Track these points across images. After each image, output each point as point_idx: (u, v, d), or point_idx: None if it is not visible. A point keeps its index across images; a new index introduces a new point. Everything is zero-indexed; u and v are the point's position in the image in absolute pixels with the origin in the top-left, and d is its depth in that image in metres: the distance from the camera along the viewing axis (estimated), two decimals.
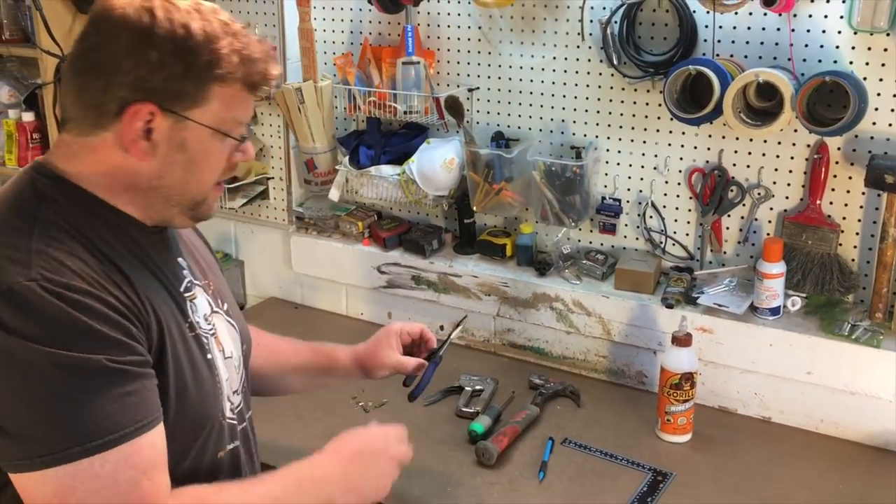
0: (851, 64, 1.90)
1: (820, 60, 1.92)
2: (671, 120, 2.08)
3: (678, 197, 2.19)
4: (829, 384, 1.97)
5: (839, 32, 1.89)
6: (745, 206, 2.10)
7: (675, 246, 2.22)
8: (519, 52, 2.29)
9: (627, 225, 2.27)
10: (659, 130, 2.16)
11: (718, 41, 2.01)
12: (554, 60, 2.25)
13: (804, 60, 1.94)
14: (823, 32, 1.91)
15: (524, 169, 2.27)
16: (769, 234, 2.10)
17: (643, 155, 2.20)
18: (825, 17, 1.90)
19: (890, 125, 1.90)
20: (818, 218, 2.00)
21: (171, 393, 1.18)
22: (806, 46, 1.93)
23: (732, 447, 1.96)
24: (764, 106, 1.94)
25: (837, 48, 1.90)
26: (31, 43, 2.63)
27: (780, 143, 2.03)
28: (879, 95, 1.89)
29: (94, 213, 1.18)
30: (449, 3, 2.35)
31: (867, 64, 1.88)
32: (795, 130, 1.98)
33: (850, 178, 1.97)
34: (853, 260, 2.01)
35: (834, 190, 1.99)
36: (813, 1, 1.90)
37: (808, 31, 1.92)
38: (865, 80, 1.87)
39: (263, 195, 2.73)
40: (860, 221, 1.99)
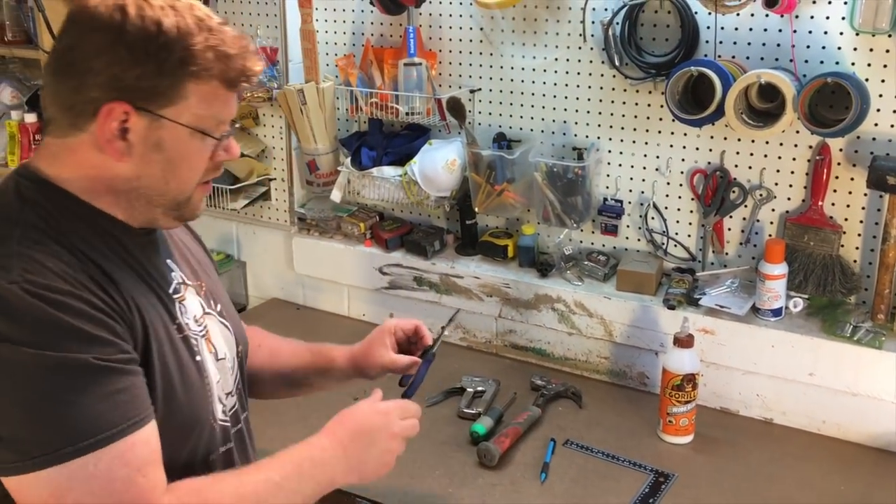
0: (853, 65, 1.90)
1: (822, 61, 1.92)
2: (673, 121, 2.08)
3: (680, 198, 2.19)
4: (831, 385, 1.97)
5: (841, 33, 1.89)
6: (746, 207, 2.10)
7: (676, 247, 2.22)
8: (521, 53, 2.29)
9: (629, 226, 2.27)
10: (661, 131, 2.16)
11: (720, 42, 2.01)
12: (556, 62, 2.25)
13: (806, 61, 1.94)
14: (825, 33, 1.91)
15: (526, 170, 2.27)
16: (771, 235, 2.10)
17: (645, 156, 2.20)
18: (827, 18, 1.90)
19: (892, 126, 1.90)
20: (820, 219, 2.00)
21: (158, 395, 1.16)
22: (808, 47, 1.93)
23: (734, 448, 1.96)
24: (766, 107, 1.94)
25: (839, 49, 1.90)
26: (33, 44, 2.64)
27: (781, 144, 2.03)
28: (881, 96, 1.89)
29: (77, 215, 1.17)
30: (451, 4, 2.35)
31: (869, 65, 1.88)
32: (797, 131, 1.98)
33: (851, 179, 1.97)
34: (855, 261, 2.01)
35: (836, 191, 1.99)
36: (815, 2, 1.90)
37: (809, 32, 1.92)
38: (867, 81, 1.87)
39: (265, 196, 2.73)
40: (862, 223, 1.99)
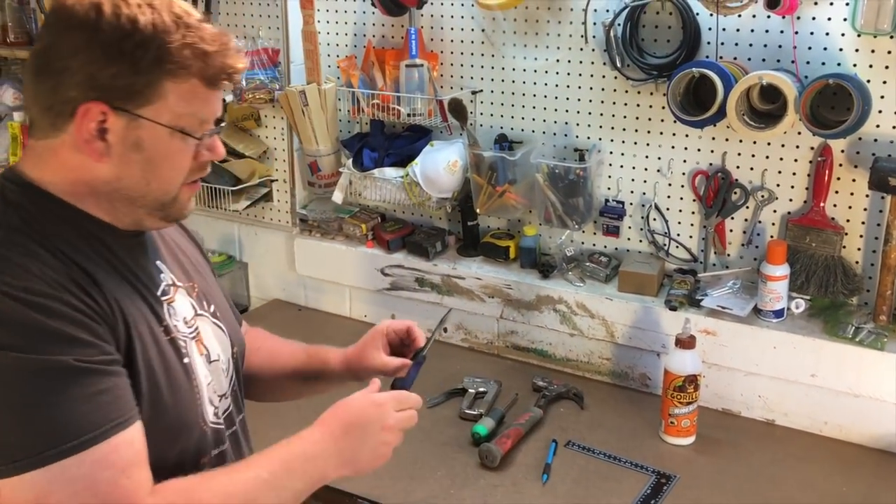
0: (855, 66, 1.90)
1: (823, 63, 1.92)
2: (674, 122, 2.08)
3: (682, 199, 2.19)
4: (832, 387, 1.97)
5: (843, 35, 1.89)
6: (748, 208, 2.10)
7: (678, 248, 2.22)
8: (522, 54, 2.29)
9: (631, 227, 2.27)
10: (662, 133, 2.16)
11: (722, 43, 2.01)
12: (557, 63, 2.25)
13: (808, 63, 1.94)
14: (827, 35, 1.91)
15: (527, 171, 2.27)
16: (773, 236, 2.10)
17: (646, 157, 2.20)
18: (829, 19, 1.90)
19: (893, 127, 1.90)
20: (822, 220, 2.00)
21: (143, 397, 1.14)
22: (809, 49, 1.93)
23: (736, 450, 1.96)
24: (767, 108, 1.94)
25: (841, 50, 1.90)
26: None
27: (783, 145, 2.03)
28: (883, 98, 1.89)
29: (61, 218, 1.15)
30: (452, 5, 2.35)
31: (871, 66, 1.88)
32: (799, 133, 1.98)
33: (853, 180, 1.97)
34: (857, 262, 2.01)
35: (838, 192, 1.99)
36: (816, 3, 1.90)
37: (811, 33, 1.92)
38: (869, 82, 1.87)
39: (267, 197, 2.73)
40: (864, 224, 1.99)
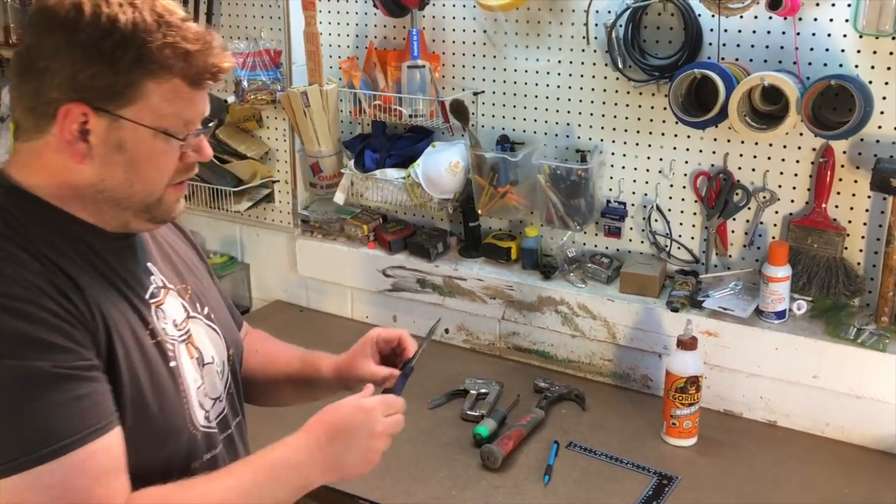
0: (857, 67, 1.89)
1: (825, 64, 1.92)
2: (676, 123, 2.08)
3: (683, 200, 2.19)
4: (834, 388, 1.96)
5: (844, 36, 1.89)
6: (750, 209, 2.10)
7: (680, 249, 2.22)
8: (524, 55, 2.29)
9: (632, 228, 2.27)
10: (664, 134, 2.16)
11: (723, 45, 2.01)
12: (559, 64, 2.25)
13: (809, 64, 1.94)
14: (829, 36, 1.91)
15: (529, 172, 2.27)
16: (774, 237, 2.10)
17: (648, 158, 2.20)
18: (830, 20, 1.90)
19: (895, 128, 1.90)
20: (824, 221, 2.00)
21: (127, 402, 1.13)
22: (811, 50, 1.93)
23: (738, 451, 1.96)
24: (769, 109, 1.94)
25: (843, 52, 1.90)
26: None
27: (785, 146, 2.03)
28: (885, 99, 1.88)
29: (47, 220, 1.14)
30: (454, 6, 2.35)
31: (872, 67, 1.88)
32: (801, 134, 1.98)
33: (855, 181, 1.97)
34: (859, 263, 2.01)
35: (839, 193, 1.99)
36: (818, 4, 1.90)
37: (813, 34, 1.92)
38: (871, 83, 1.87)
39: (269, 198, 2.73)
40: (866, 225, 1.99)
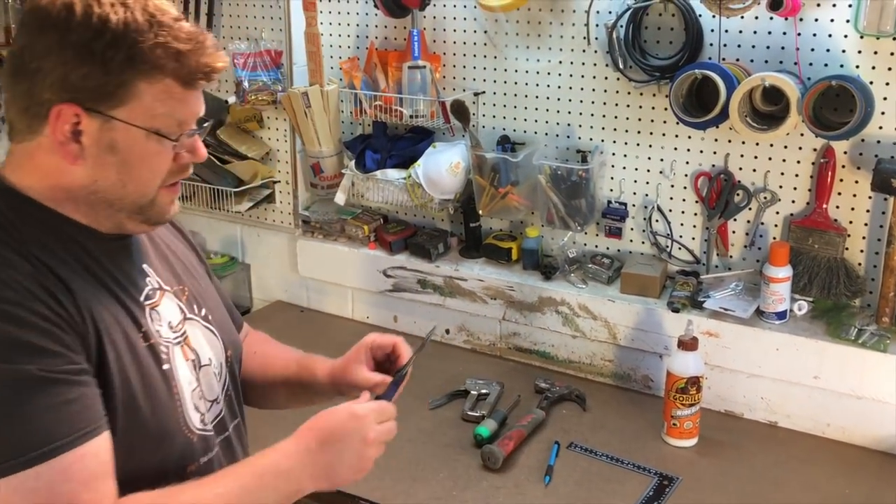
0: (858, 68, 1.89)
1: (826, 64, 1.92)
2: (677, 124, 2.08)
3: (684, 201, 2.18)
4: (835, 388, 1.96)
5: (845, 36, 1.89)
6: (751, 210, 2.10)
7: (681, 250, 2.22)
8: (525, 56, 2.29)
9: (633, 229, 2.27)
10: (665, 134, 2.16)
11: (724, 45, 2.01)
12: (560, 65, 2.25)
13: (810, 64, 1.94)
14: (829, 36, 1.91)
15: (530, 173, 2.27)
16: (775, 238, 2.10)
17: (649, 159, 2.20)
18: (831, 21, 1.90)
19: None
20: (825, 222, 2.00)
21: (117, 407, 1.12)
22: (812, 50, 1.93)
23: (739, 452, 1.96)
24: (770, 110, 1.93)
25: (843, 52, 1.90)
26: None
27: (786, 147, 2.02)
28: (886, 99, 1.88)
29: (41, 222, 1.14)
30: (455, 7, 2.35)
31: (873, 68, 1.88)
32: (802, 134, 1.98)
33: (856, 182, 1.97)
34: (860, 264, 2.01)
35: (840, 194, 1.99)
36: (819, 5, 1.90)
37: (814, 35, 1.92)
38: (872, 84, 1.87)
39: (270, 199, 2.74)
40: (867, 225, 1.98)
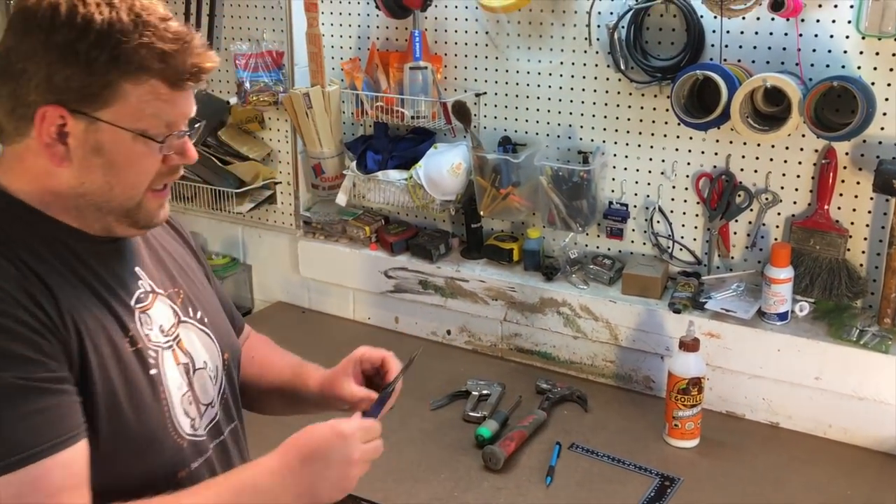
0: (859, 69, 1.89)
1: (828, 65, 1.92)
2: (678, 125, 2.08)
3: (685, 202, 2.18)
4: (837, 389, 1.96)
5: (847, 37, 1.89)
6: (752, 211, 2.10)
7: (682, 251, 2.22)
8: (526, 57, 2.29)
9: (635, 230, 2.27)
10: (666, 135, 2.16)
11: (726, 46, 2.01)
12: (561, 65, 2.25)
13: (812, 65, 1.94)
14: (831, 37, 1.91)
15: (531, 174, 2.27)
16: (777, 239, 2.10)
17: (650, 160, 2.20)
18: (833, 21, 1.90)
19: None
20: (826, 223, 2.00)
21: (100, 412, 1.10)
22: (814, 51, 1.93)
23: (740, 452, 1.96)
24: (771, 111, 1.93)
25: (845, 53, 1.90)
26: None
27: (787, 148, 2.02)
28: (887, 100, 1.88)
29: (29, 225, 1.13)
30: (456, 8, 2.35)
31: (875, 69, 1.88)
32: (803, 135, 1.98)
33: (857, 183, 1.97)
34: (861, 265, 2.01)
35: (842, 195, 1.99)
36: (821, 6, 1.90)
37: (815, 35, 1.92)
38: (873, 84, 1.87)
39: (271, 200, 2.74)
40: (868, 226, 1.98)
